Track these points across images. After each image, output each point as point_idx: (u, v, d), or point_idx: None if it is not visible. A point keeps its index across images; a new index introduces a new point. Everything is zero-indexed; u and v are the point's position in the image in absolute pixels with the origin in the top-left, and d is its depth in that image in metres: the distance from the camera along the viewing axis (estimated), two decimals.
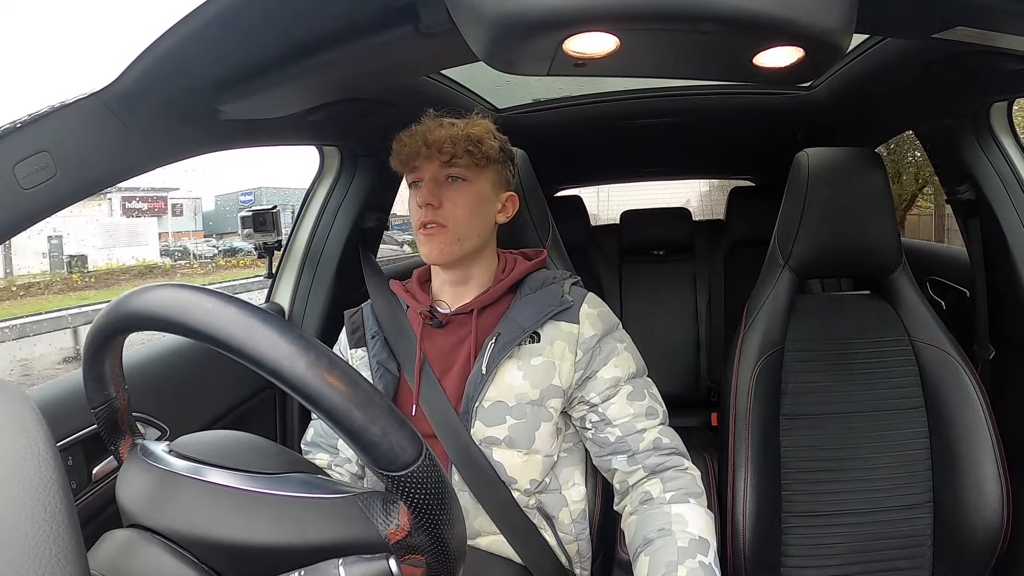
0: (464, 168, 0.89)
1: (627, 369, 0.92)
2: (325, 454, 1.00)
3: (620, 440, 0.89)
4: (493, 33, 0.56)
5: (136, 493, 0.53)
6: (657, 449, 0.89)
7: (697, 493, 0.88)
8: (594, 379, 0.90)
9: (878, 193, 1.13)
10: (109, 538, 0.51)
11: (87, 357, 0.54)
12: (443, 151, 0.87)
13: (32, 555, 0.32)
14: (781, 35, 0.55)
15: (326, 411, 0.42)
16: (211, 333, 0.42)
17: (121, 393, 0.58)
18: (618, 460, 0.90)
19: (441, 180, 0.89)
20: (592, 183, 3.08)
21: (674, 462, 0.90)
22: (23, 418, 0.39)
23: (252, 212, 1.45)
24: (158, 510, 0.51)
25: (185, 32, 0.70)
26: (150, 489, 0.52)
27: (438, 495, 0.45)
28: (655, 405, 0.92)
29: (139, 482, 0.54)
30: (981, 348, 1.29)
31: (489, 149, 0.89)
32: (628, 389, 0.91)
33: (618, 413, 0.89)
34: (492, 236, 0.96)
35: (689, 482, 0.88)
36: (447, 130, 0.87)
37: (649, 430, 0.90)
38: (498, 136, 0.93)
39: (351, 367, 0.44)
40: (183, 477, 0.52)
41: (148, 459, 0.55)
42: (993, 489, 1.04)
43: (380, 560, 0.47)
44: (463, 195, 0.89)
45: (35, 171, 0.73)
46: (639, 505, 0.87)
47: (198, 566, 0.48)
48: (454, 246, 0.89)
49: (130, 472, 0.55)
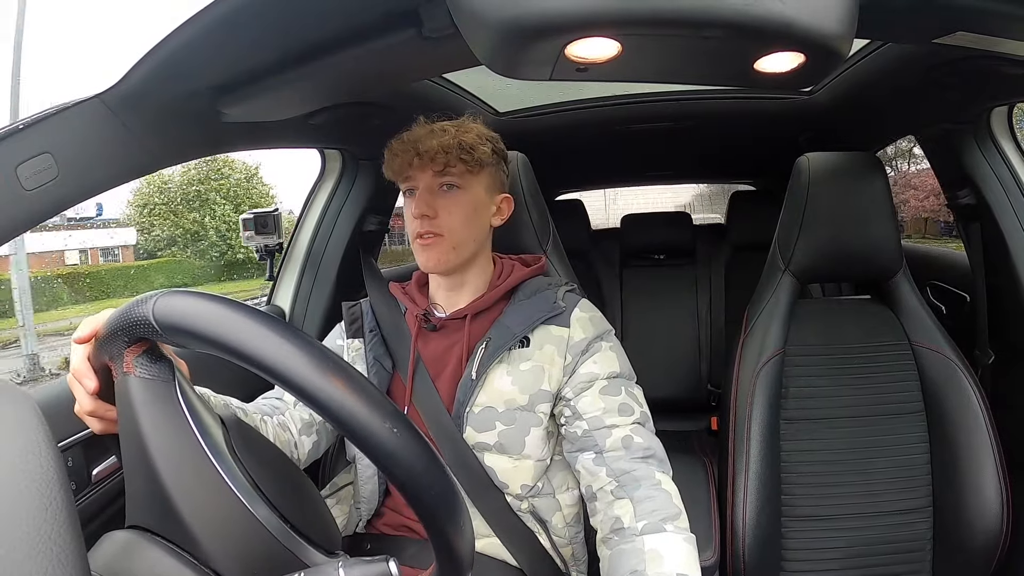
0: (458, 176, 0.88)
1: (607, 368, 0.89)
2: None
3: (587, 434, 0.85)
4: (496, 38, 0.56)
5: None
6: (627, 449, 0.83)
7: (674, 515, 0.79)
8: (574, 375, 0.89)
9: (879, 197, 1.14)
10: (109, 539, 0.51)
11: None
12: (436, 160, 0.87)
13: (33, 555, 0.32)
14: (782, 40, 0.56)
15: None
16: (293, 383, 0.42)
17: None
18: (584, 459, 0.85)
19: (435, 189, 0.89)
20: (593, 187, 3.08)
21: (644, 473, 0.82)
22: (24, 418, 0.39)
23: (254, 215, 1.45)
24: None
25: (188, 35, 0.70)
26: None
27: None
28: (631, 403, 0.87)
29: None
30: (981, 353, 1.29)
31: (482, 154, 0.88)
32: (603, 384, 0.88)
33: (588, 406, 0.86)
34: (487, 240, 0.96)
35: (664, 503, 0.80)
36: (439, 138, 0.86)
37: (620, 427, 0.85)
38: (490, 138, 0.92)
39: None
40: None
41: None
42: (993, 493, 1.04)
43: (380, 562, 0.47)
44: (458, 203, 0.89)
45: (37, 173, 0.73)
46: (610, 534, 0.80)
47: (198, 566, 0.48)
48: (451, 255, 0.89)
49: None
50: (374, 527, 0.95)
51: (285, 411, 0.92)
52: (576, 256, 1.55)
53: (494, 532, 0.88)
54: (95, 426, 0.60)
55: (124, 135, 0.82)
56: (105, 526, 0.55)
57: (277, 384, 0.42)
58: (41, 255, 6.79)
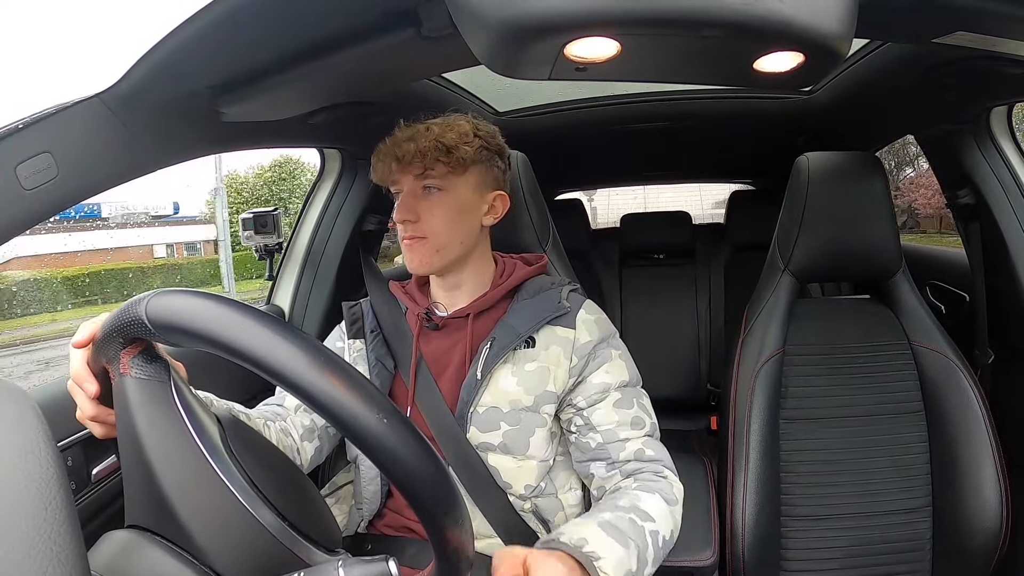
0: (439, 178, 0.87)
1: (618, 377, 0.90)
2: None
3: (600, 447, 0.87)
4: (495, 37, 0.56)
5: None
6: (639, 460, 0.87)
7: (670, 498, 0.84)
8: (584, 384, 0.89)
9: (878, 197, 1.14)
10: (109, 538, 0.51)
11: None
12: (415, 164, 0.86)
13: (32, 555, 0.32)
14: (781, 40, 0.56)
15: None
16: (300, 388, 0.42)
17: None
18: (596, 466, 0.88)
19: (418, 192, 0.88)
20: (593, 186, 3.09)
21: (653, 468, 0.87)
22: (24, 418, 0.39)
23: (253, 214, 1.45)
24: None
25: (187, 35, 0.70)
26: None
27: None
28: (643, 416, 0.90)
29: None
30: (980, 352, 1.29)
31: (464, 154, 0.86)
32: (616, 396, 0.89)
33: (602, 419, 0.88)
34: (480, 240, 0.94)
35: (664, 487, 0.85)
36: (417, 142, 0.85)
37: (632, 440, 0.87)
38: (480, 134, 0.89)
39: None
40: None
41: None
42: (992, 493, 1.04)
43: (380, 562, 0.47)
44: (440, 206, 0.87)
45: (37, 172, 0.73)
46: (608, 496, 0.86)
47: (198, 566, 0.48)
48: (434, 257, 0.89)
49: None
50: (375, 528, 0.95)
51: (287, 417, 0.92)
52: (576, 256, 1.55)
53: (496, 532, 0.88)
54: (97, 431, 0.60)
55: (124, 135, 0.82)
56: (105, 526, 0.54)
57: (270, 379, 0.42)
58: (132, 249, 7.00)
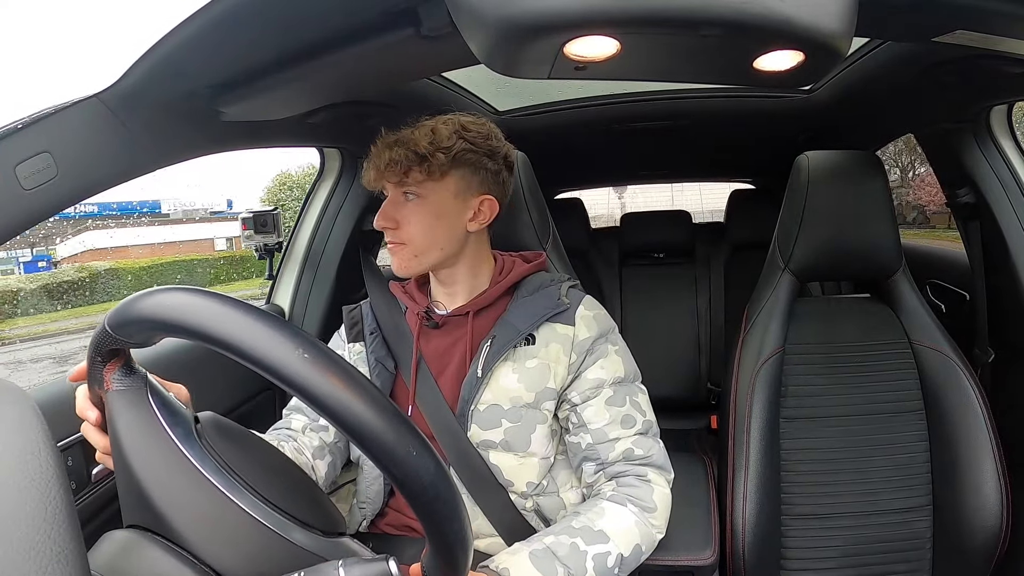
0: (415, 185, 0.87)
1: (613, 372, 0.90)
2: (304, 416, 0.97)
3: (590, 447, 0.88)
4: (494, 36, 0.56)
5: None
6: (627, 460, 0.88)
7: (646, 506, 0.85)
8: (579, 379, 0.89)
9: (878, 196, 1.14)
10: (109, 538, 0.51)
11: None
12: (392, 172, 0.86)
13: (32, 555, 0.32)
14: (781, 39, 0.55)
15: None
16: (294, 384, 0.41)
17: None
18: (586, 467, 0.89)
19: (399, 199, 0.89)
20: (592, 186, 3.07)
21: (637, 472, 0.88)
22: (23, 418, 0.39)
23: (253, 214, 1.45)
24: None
25: (186, 34, 0.70)
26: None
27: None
28: (634, 414, 0.89)
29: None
30: (981, 351, 1.29)
31: (439, 161, 0.85)
32: (609, 393, 0.89)
33: (593, 417, 0.88)
34: (469, 242, 0.92)
35: (643, 493, 0.86)
36: (392, 152, 0.85)
37: (623, 439, 0.88)
38: (467, 136, 0.88)
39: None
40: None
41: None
42: (992, 492, 1.04)
43: (380, 562, 0.47)
44: (417, 213, 0.88)
45: (36, 172, 0.73)
46: (576, 508, 0.87)
47: (198, 566, 0.48)
48: (412, 262, 0.90)
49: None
50: (377, 527, 0.95)
51: (297, 438, 0.93)
52: (575, 255, 1.55)
53: (497, 531, 0.88)
54: (110, 463, 0.58)
55: (123, 134, 0.82)
56: (105, 526, 0.55)
57: (241, 360, 0.42)
58: (195, 242, 7.21)
